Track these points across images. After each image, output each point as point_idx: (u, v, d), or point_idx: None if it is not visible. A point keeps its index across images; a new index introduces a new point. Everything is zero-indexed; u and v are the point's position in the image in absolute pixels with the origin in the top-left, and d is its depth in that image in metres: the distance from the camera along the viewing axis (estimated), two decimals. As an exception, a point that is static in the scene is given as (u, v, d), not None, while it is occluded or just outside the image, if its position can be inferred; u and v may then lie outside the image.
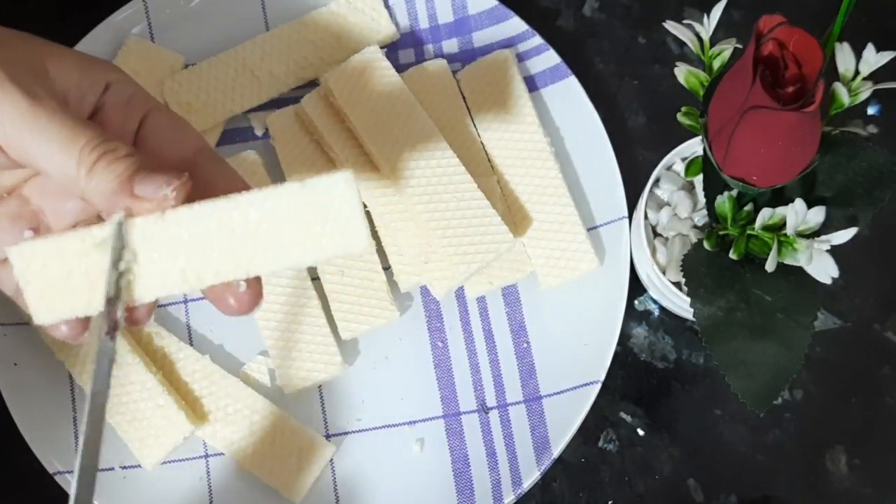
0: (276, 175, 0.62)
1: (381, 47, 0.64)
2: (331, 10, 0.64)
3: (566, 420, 0.59)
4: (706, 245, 0.53)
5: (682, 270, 0.54)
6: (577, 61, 0.65)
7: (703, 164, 0.55)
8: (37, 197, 0.42)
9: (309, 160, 0.62)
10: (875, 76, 0.50)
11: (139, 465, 0.58)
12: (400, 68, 0.63)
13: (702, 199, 0.57)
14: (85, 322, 0.39)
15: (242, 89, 0.63)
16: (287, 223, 0.37)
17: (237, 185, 0.42)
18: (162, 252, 0.37)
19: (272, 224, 0.37)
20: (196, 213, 0.37)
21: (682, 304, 0.57)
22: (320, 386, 0.60)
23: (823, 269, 0.50)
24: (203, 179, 0.40)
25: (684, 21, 0.53)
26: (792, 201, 0.50)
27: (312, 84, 0.64)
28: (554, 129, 0.64)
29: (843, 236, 0.50)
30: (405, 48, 0.66)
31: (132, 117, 0.42)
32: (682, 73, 0.53)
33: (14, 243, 0.38)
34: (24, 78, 0.38)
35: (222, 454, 0.59)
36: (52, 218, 0.42)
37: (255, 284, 0.40)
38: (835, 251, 0.50)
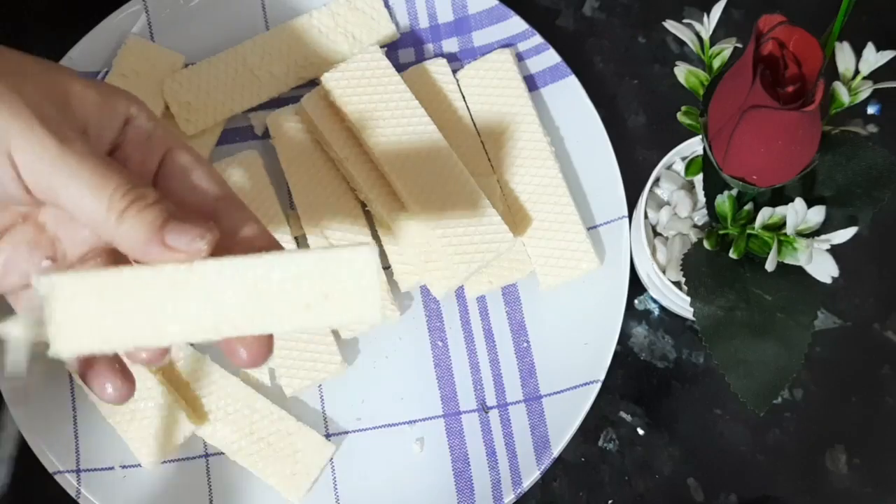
0: (277, 175, 0.62)
1: (381, 47, 0.64)
2: (331, 9, 0.65)
3: (566, 419, 0.59)
4: (706, 244, 0.53)
5: (682, 270, 0.54)
6: (577, 61, 0.65)
7: (703, 164, 0.55)
8: (52, 224, 0.42)
9: (309, 160, 0.62)
10: (875, 75, 0.50)
11: (139, 465, 0.58)
12: (400, 68, 0.63)
13: (702, 199, 0.57)
14: (165, 350, 0.40)
15: (242, 89, 0.63)
16: (307, 287, 0.39)
17: (260, 232, 0.42)
18: (184, 300, 0.38)
19: (292, 286, 0.39)
20: (222, 267, 0.38)
21: (682, 304, 0.57)
22: (320, 386, 0.60)
23: (823, 269, 0.50)
24: (225, 227, 0.41)
25: (684, 20, 0.53)
26: (792, 201, 0.50)
27: (312, 84, 0.64)
28: (554, 129, 0.64)
29: (842, 236, 0.50)
30: (405, 47, 0.66)
31: (152, 156, 0.41)
32: (682, 72, 0.53)
33: (34, 271, 0.39)
34: (51, 117, 0.37)
35: (222, 454, 0.59)
36: (69, 245, 0.42)
37: (268, 341, 0.41)
38: (835, 251, 0.50)
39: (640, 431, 0.61)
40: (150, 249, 0.38)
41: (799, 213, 0.49)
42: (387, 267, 0.61)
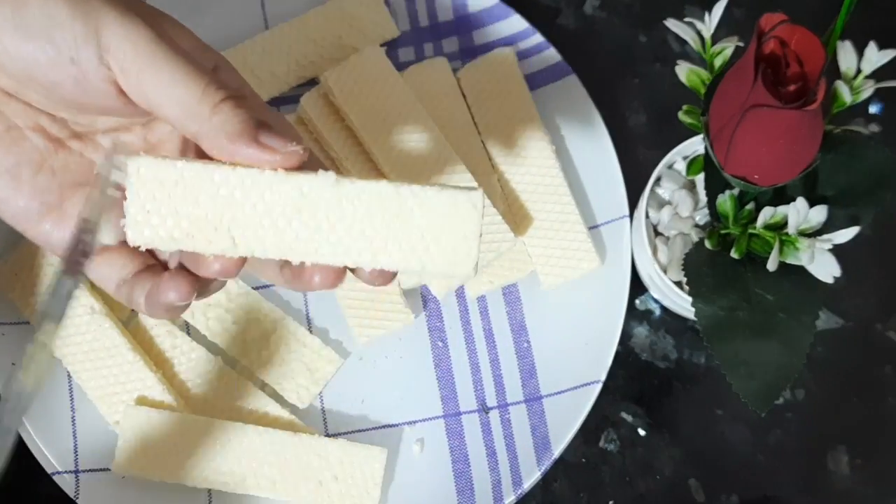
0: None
1: (381, 45, 0.64)
2: (330, 8, 0.64)
3: (567, 420, 0.59)
4: (707, 244, 0.53)
5: (683, 269, 0.54)
6: (578, 59, 0.65)
7: (704, 163, 0.55)
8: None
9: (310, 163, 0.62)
10: (877, 74, 0.50)
11: (138, 465, 0.58)
12: (400, 67, 0.63)
13: (703, 198, 0.56)
14: (240, 262, 0.37)
15: None
16: (399, 220, 0.36)
17: None
18: (269, 213, 0.36)
19: (385, 216, 0.36)
20: (313, 180, 0.35)
21: (683, 304, 0.57)
22: (320, 386, 0.60)
23: (825, 269, 0.50)
24: None
25: (685, 19, 0.53)
26: (793, 200, 0.50)
27: (312, 83, 0.64)
28: (555, 128, 0.64)
29: (844, 235, 0.50)
30: (405, 46, 0.66)
31: None
32: (684, 71, 0.53)
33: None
34: (145, 15, 0.37)
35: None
36: None
37: (343, 270, 0.38)
38: (836, 250, 0.50)
39: (641, 432, 0.61)
40: (241, 145, 0.35)
41: (801, 213, 0.49)
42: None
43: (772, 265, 0.50)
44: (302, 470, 0.55)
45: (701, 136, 0.54)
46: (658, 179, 0.59)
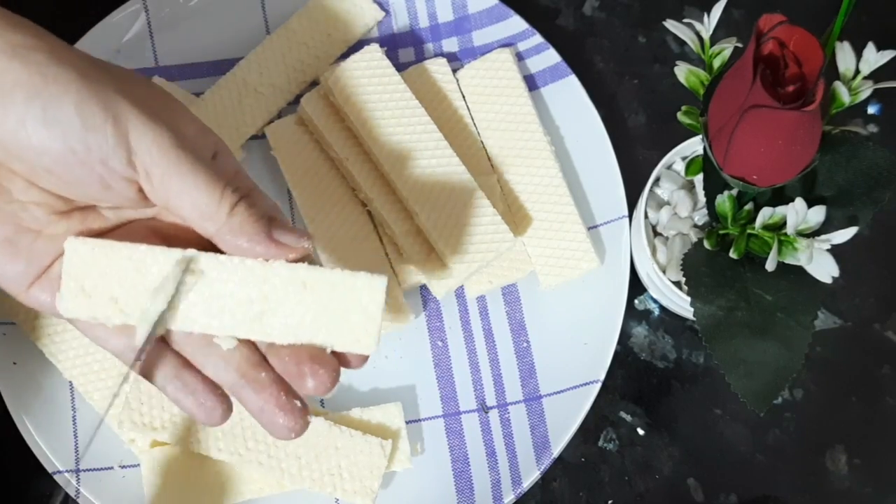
0: (281, 184, 0.62)
1: (381, 46, 0.64)
2: (312, 7, 0.64)
3: (566, 419, 0.59)
4: (706, 244, 0.53)
5: (682, 270, 0.54)
6: (577, 60, 0.65)
7: (703, 164, 0.55)
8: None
9: (310, 165, 0.62)
10: (875, 75, 0.50)
11: (139, 465, 0.57)
12: (400, 67, 0.63)
13: (702, 199, 0.56)
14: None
15: (251, 109, 0.62)
16: (314, 299, 0.40)
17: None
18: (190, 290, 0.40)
19: (300, 294, 0.40)
20: (234, 262, 0.40)
21: (682, 304, 0.57)
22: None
23: (824, 269, 0.50)
24: None
25: (684, 20, 0.53)
26: (792, 200, 0.50)
27: (314, 85, 0.64)
28: (554, 128, 0.64)
29: (843, 236, 0.50)
30: (405, 47, 0.66)
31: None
32: (683, 72, 0.53)
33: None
34: (165, 119, 0.39)
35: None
36: None
37: (336, 368, 0.42)
38: (835, 251, 0.50)
39: (640, 431, 0.61)
40: (257, 243, 0.39)
41: (799, 213, 0.49)
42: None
43: (770, 265, 0.50)
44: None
45: (700, 136, 0.54)
46: (657, 180, 0.59)
